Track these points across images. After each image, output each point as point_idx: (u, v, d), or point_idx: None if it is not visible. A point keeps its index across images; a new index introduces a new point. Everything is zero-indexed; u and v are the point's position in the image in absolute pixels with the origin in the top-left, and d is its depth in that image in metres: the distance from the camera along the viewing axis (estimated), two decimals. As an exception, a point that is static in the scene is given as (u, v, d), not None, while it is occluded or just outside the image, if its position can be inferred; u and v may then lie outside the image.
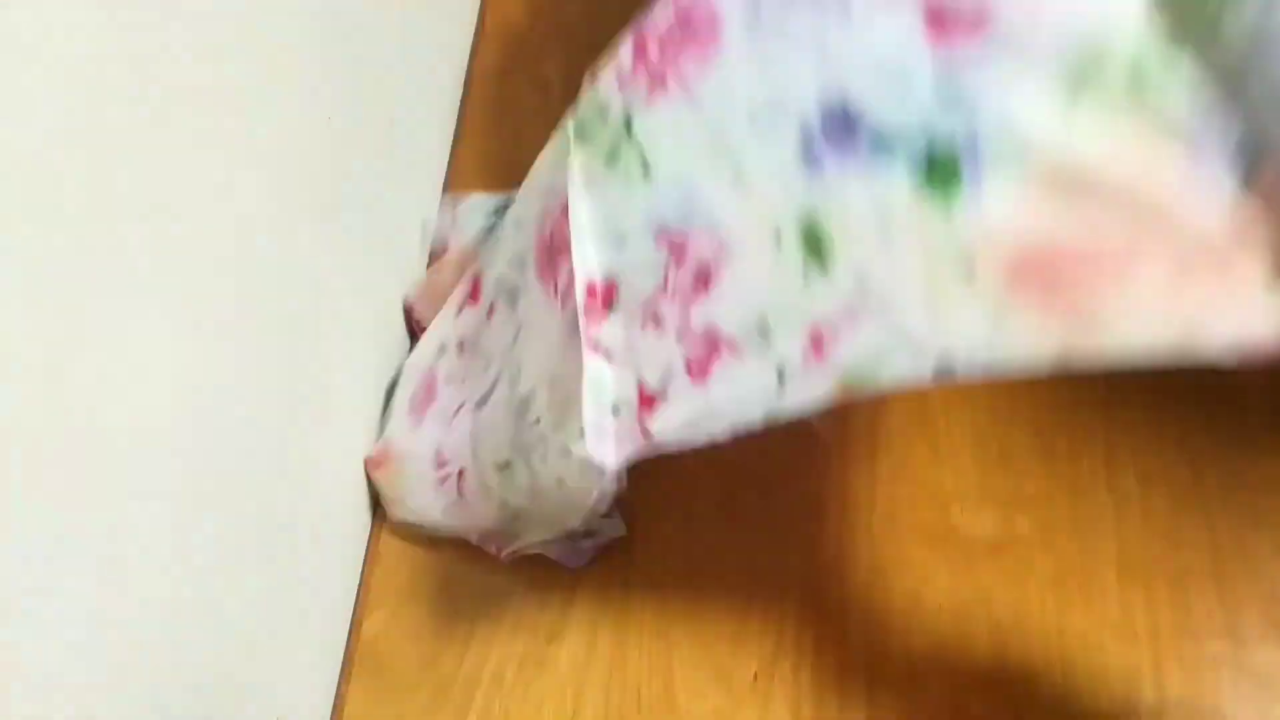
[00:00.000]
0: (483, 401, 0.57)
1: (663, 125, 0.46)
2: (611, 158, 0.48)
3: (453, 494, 0.62)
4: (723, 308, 0.43)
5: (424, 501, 0.63)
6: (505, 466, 0.54)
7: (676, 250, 0.45)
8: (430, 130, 0.85)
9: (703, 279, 0.44)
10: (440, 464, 0.61)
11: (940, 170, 0.38)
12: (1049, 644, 0.59)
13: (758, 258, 0.43)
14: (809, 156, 0.41)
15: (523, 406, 0.52)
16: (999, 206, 0.37)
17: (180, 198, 0.49)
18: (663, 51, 0.46)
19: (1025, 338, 0.37)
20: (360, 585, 0.66)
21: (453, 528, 0.64)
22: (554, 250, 0.50)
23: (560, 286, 0.49)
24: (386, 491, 0.66)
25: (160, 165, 0.47)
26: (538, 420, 0.50)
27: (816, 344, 0.41)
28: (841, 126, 0.40)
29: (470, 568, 0.65)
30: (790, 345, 0.41)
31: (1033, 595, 0.60)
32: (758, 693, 0.59)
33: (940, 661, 0.59)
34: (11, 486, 0.38)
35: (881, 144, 0.39)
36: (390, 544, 0.66)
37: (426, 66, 0.85)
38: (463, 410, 0.60)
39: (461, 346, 0.62)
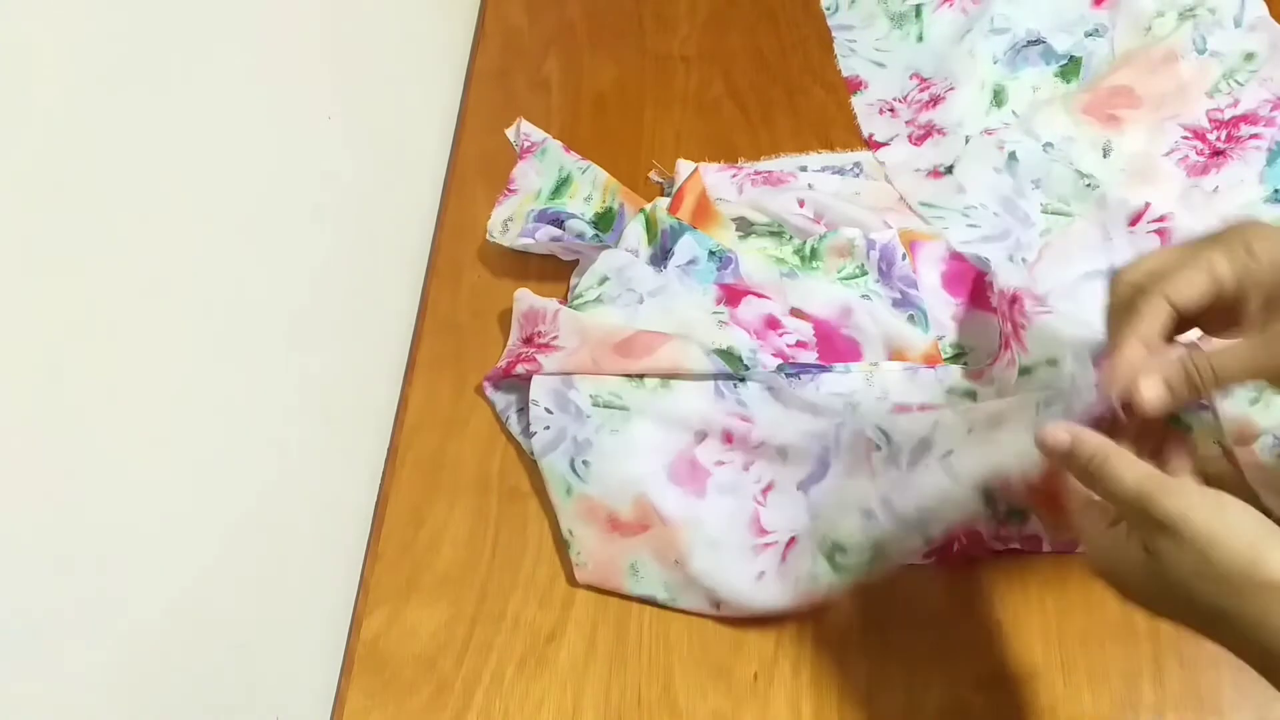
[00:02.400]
0: (806, 484, 0.64)
1: None
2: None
3: (772, 560, 0.62)
4: None
5: (720, 562, 0.62)
6: (869, 513, 0.59)
7: None
8: (430, 130, 0.85)
9: None
10: (761, 533, 0.63)
11: None
12: (1049, 644, 0.59)
13: None
14: None
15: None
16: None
17: (181, 195, 0.49)
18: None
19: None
20: (360, 585, 0.66)
21: (734, 589, 0.61)
22: None
23: None
24: (646, 551, 0.63)
25: (160, 165, 0.47)
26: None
27: None
28: None
29: (471, 568, 0.65)
30: None
31: (1033, 595, 0.60)
32: (758, 693, 0.59)
33: (940, 661, 0.59)
34: (14, 485, 0.38)
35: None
36: (390, 544, 0.66)
37: (426, 66, 0.86)
38: (776, 491, 0.64)
39: (729, 438, 0.65)
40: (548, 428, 0.67)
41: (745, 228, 0.75)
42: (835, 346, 0.69)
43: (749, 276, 0.71)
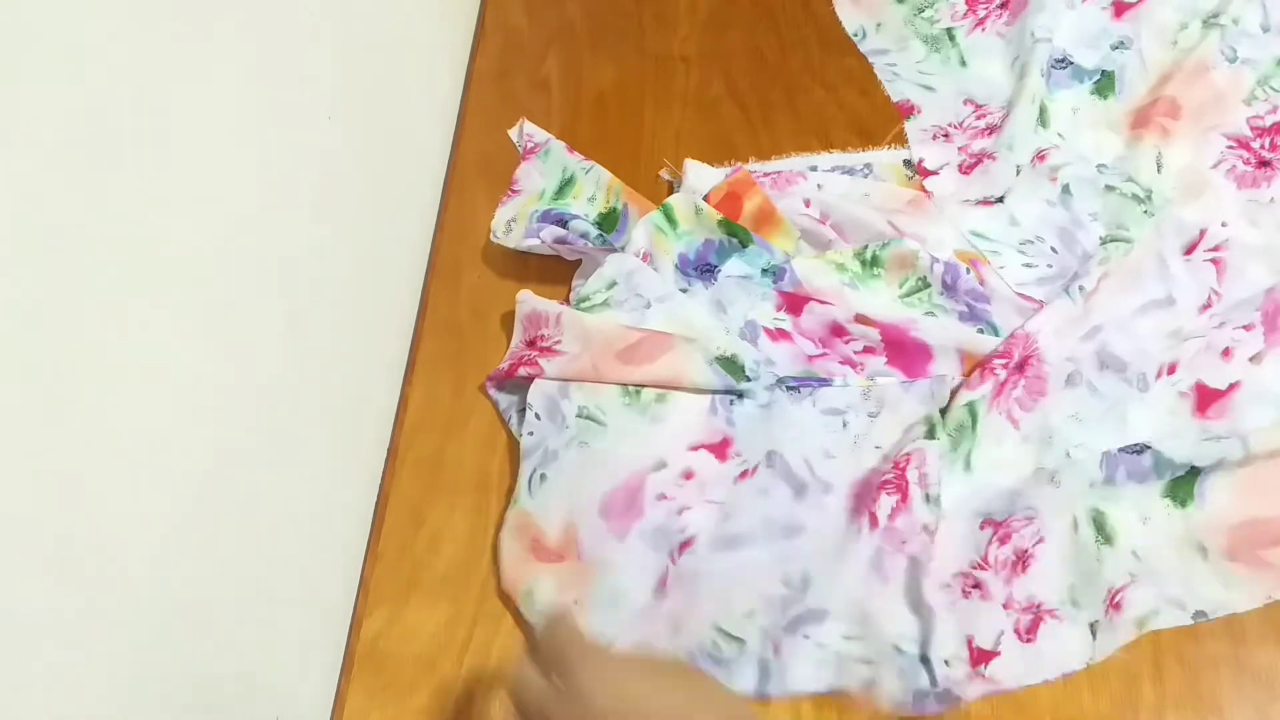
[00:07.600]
0: (722, 547, 0.62)
1: (992, 435, 0.64)
2: (956, 444, 0.64)
3: (665, 627, 0.60)
4: (1041, 584, 0.59)
5: (615, 618, 0.60)
6: (750, 615, 0.60)
7: (1001, 534, 0.61)
8: (430, 130, 0.85)
9: (1022, 561, 0.60)
10: (664, 593, 0.61)
11: (1182, 489, 0.61)
12: (1049, 644, 0.59)
13: (1062, 541, 0.60)
14: (1109, 472, 0.62)
15: (809, 615, 0.59)
16: (1216, 502, 0.60)
17: (179, 195, 0.49)
18: (1007, 396, 0.65)
19: (1246, 591, 0.58)
20: (360, 585, 0.66)
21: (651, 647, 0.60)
22: (870, 493, 0.62)
23: (868, 526, 0.61)
24: (550, 580, 0.62)
25: (157, 164, 0.47)
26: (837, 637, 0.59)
27: (1114, 605, 0.58)
28: (1138, 455, 0.62)
29: (471, 568, 0.65)
30: (1096, 608, 0.58)
31: (1033, 595, 0.60)
32: (758, 693, 0.59)
33: (940, 661, 0.59)
34: (13, 483, 0.38)
35: (1161, 465, 0.61)
36: (390, 544, 0.66)
37: (426, 66, 0.86)
38: (690, 551, 0.62)
39: (690, 476, 0.64)
40: (532, 434, 0.67)
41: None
42: (905, 351, 0.67)
43: (808, 281, 0.69)
